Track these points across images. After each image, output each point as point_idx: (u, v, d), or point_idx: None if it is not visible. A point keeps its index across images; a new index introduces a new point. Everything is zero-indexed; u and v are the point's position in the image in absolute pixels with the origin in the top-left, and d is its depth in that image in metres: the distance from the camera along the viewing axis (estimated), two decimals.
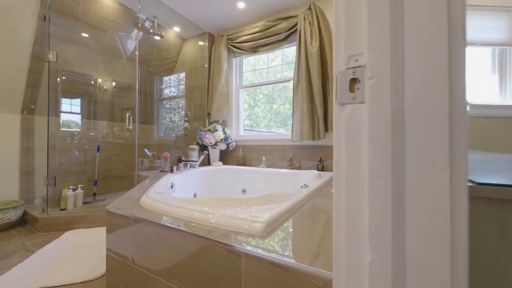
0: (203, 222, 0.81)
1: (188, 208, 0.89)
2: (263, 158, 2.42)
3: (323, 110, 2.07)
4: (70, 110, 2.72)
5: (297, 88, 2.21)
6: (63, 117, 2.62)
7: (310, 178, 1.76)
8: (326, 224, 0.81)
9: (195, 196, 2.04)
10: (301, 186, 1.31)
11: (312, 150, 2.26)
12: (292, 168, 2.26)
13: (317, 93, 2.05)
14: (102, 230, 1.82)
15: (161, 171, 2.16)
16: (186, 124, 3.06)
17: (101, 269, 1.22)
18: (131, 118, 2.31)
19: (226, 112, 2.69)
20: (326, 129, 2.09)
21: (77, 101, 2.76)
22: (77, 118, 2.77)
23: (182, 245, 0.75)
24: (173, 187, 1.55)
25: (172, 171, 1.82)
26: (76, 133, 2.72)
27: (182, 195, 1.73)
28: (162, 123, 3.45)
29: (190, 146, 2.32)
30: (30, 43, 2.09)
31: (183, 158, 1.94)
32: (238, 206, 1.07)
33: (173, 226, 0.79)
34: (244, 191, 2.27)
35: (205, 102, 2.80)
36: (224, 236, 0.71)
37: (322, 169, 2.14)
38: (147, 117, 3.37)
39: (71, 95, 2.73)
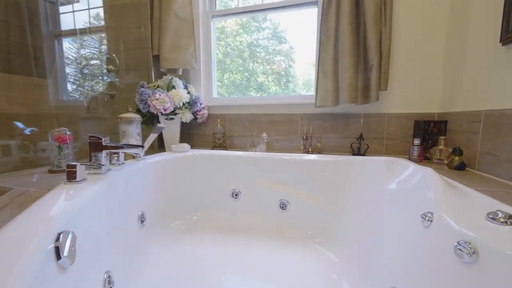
0: None
1: None
2: (264, 135, 1.44)
3: (380, 52, 1.20)
4: None
5: (327, 12, 1.25)
6: None
7: (383, 176, 0.93)
8: None
9: (142, 221, 0.95)
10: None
11: (343, 121, 1.41)
12: (311, 151, 1.38)
13: (373, 20, 1.15)
14: None
15: (50, 171, 0.93)
16: (112, 77, 1.72)
17: None
18: None
19: (190, 54, 1.52)
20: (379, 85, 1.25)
21: None
22: None
23: None
24: (69, 244, 0.45)
25: (72, 178, 0.67)
26: None
27: (108, 239, 0.64)
28: (64, 75, 1.96)
29: (123, 116, 1.13)
30: None
31: (105, 142, 0.79)
32: None
33: None
34: (236, 195, 1.29)
35: (147, 34, 1.52)
36: None
37: (362, 153, 1.34)
38: (29, 62, 1.82)
39: None
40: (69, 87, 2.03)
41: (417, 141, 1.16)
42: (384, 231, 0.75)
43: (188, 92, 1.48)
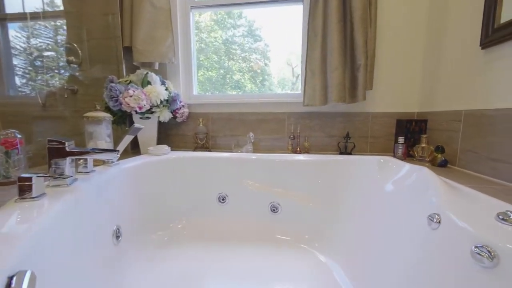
0: None
1: None
2: (251, 135, 1.37)
3: (367, 51, 1.20)
4: None
5: (315, 9, 1.22)
6: None
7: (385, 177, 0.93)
8: None
9: (117, 237, 0.82)
10: None
11: (330, 120, 1.41)
12: (299, 151, 1.35)
13: (360, 19, 1.15)
14: None
15: None
16: (72, 70, 1.50)
17: None
18: None
19: (168, 47, 1.38)
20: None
21: None
22: None
23: None
24: None
25: (26, 193, 0.53)
26: None
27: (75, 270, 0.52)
28: (11, 67, 1.66)
29: (90, 115, 0.98)
30: None
31: (70, 147, 0.65)
32: None
33: None
34: (223, 199, 1.20)
35: (116, 22, 1.35)
36: None
37: (349, 151, 1.35)
38: None
39: None
40: (18, 81, 1.73)
41: (401, 140, 1.19)
42: (387, 233, 0.73)
43: (166, 89, 1.35)
